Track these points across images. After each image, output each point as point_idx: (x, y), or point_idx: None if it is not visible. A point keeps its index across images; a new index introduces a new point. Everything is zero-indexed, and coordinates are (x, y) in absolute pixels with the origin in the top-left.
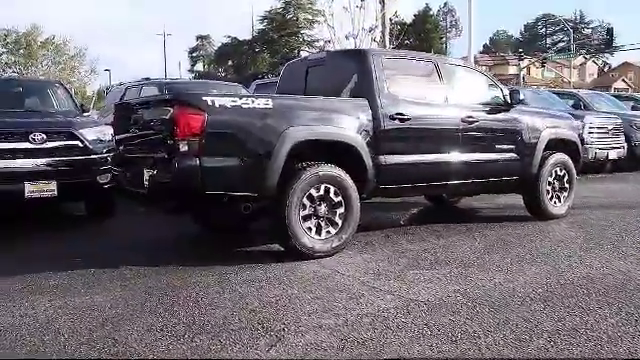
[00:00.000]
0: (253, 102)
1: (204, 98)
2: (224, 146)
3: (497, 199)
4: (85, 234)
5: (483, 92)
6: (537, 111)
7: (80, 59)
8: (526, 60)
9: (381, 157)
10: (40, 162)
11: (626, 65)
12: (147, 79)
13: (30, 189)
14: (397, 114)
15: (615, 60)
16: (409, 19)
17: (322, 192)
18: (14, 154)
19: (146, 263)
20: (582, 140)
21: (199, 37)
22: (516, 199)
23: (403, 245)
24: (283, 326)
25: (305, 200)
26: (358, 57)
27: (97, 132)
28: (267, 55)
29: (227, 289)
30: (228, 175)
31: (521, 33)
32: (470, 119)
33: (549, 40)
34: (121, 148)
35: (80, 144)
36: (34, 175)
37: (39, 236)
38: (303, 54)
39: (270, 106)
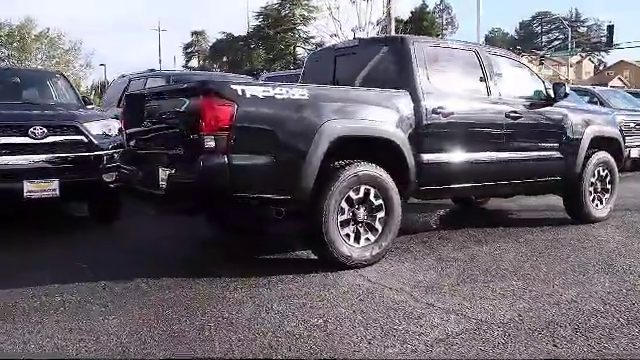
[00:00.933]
0: (287, 92)
1: (234, 87)
2: (255, 142)
3: (523, 200)
4: (90, 239)
5: (525, 85)
6: (579, 107)
7: (75, 53)
8: (524, 58)
9: (423, 155)
10: (40, 159)
11: (622, 63)
12: (152, 70)
13: (29, 188)
14: (440, 108)
15: (611, 58)
16: (406, 16)
17: (362, 195)
18: (11, 150)
19: (163, 273)
20: (624, 138)
21: (194, 33)
22: (544, 200)
23: (445, 252)
24: (342, 357)
25: (343, 204)
26: (397, 44)
27: (103, 126)
28: (262, 51)
29: (263, 308)
30: (259, 175)
31: (516, 31)
32: (514, 114)
33: (545, 38)
34: (132, 144)
35: (84, 139)
36: (34, 173)
37: (39, 240)
38: (299, 50)
39: (306, 97)
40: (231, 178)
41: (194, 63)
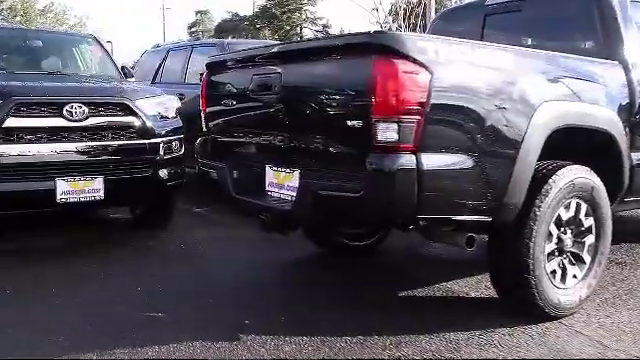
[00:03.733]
0: (489, 56)
1: (422, 43)
2: (453, 134)
3: None
4: (146, 256)
5: None
6: None
7: (81, 29)
8: None
9: (632, 154)
10: (79, 148)
11: None
12: (197, 39)
13: (64, 189)
14: None
15: None
16: None
17: (573, 212)
18: (40, 135)
19: (280, 325)
20: None
21: (198, 12)
22: None
23: None
24: None
25: (552, 226)
26: None
27: (157, 105)
28: (268, 32)
29: None
30: (457, 186)
31: None
32: None
33: None
34: (215, 125)
35: (137, 122)
36: (70, 167)
37: (73, 255)
38: (305, 32)
39: (511, 64)
40: (420, 191)
41: None
